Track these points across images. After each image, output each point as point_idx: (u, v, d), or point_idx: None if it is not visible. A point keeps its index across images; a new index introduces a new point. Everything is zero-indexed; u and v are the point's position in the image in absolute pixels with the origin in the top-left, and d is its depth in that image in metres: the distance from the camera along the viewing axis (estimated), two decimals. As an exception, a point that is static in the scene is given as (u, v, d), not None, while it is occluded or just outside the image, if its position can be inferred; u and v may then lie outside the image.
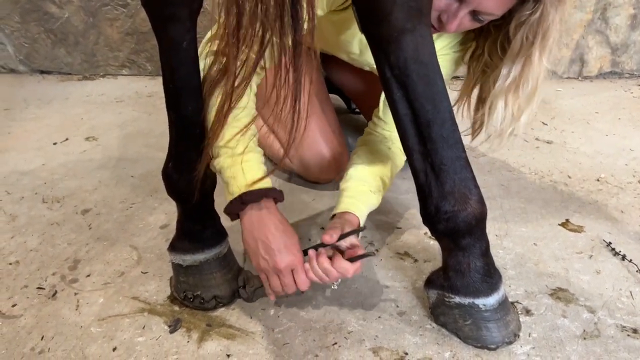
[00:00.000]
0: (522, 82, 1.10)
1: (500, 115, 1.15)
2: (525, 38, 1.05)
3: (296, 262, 0.97)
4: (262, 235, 0.97)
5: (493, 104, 1.15)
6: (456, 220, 0.91)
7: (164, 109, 0.99)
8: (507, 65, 1.11)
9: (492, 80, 1.15)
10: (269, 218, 0.98)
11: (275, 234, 0.97)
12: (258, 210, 0.98)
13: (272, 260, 0.96)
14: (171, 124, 0.99)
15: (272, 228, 0.97)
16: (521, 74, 1.09)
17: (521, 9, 1.03)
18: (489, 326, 0.95)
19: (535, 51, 1.05)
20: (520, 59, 1.08)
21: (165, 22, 0.89)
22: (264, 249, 0.97)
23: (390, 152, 1.26)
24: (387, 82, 0.88)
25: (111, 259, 1.23)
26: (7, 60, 2.82)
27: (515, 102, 1.13)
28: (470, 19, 1.07)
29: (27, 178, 1.64)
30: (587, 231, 1.33)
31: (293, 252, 0.97)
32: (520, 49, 1.07)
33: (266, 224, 0.97)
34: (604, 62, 2.62)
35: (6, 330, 1.01)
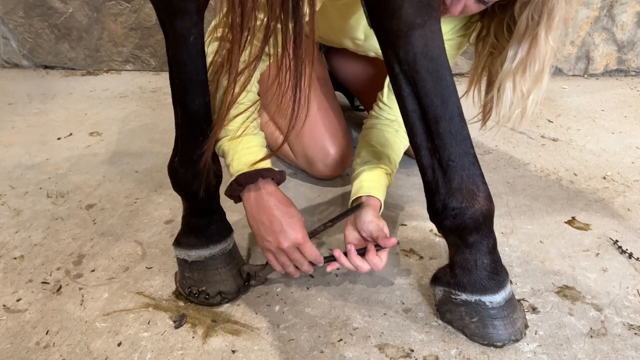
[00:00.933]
0: (529, 63, 1.09)
1: (509, 96, 1.14)
2: (531, 18, 1.04)
3: (299, 239, 0.98)
4: (262, 216, 0.98)
5: (501, 86, 1.14)
6: (463, 217, 0.90)
7: (168, 104, 0.99)
8: (513, 47, 1.10)
9: (500, 63, 1.15)
10: (268, 199, 0.99)
11: (275, 214, 0.98)
12: (256, 192, 0.99)
13: (275, 240, 0.98)
14: (177, 118, 0.98)
15: (272, 208, 0.98)
16: (528, 54, 1.08)
17: None
18: (495, 324, 0.94)
19: (541, 31, 1.04)
20: (526, 40, 1.07)
21: (172, 16, 0.88)
22: (265, 230, 0.99)
23: (397, 134, 1.30)
24: (395, 78, 0.88)
25: (116, 254, 1.23)
26: (10, 55, 2.82)
27: (523, 83, 1.12)
28: (474, 2, 1.07)
29: (31, 173, 1.64)
30: (593, 229, 1.32)
31: (295, 229, 0.98)
32: (526, 29, 1.06)
33: (265, 205, 0.98)
34: (610, 59, 2.61)
35: (11, 325, 1.01)
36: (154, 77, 2.67)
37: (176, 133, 1.00)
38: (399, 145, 1.29)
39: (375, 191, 1.16)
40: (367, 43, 1.39)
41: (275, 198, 0.99)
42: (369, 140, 1.30)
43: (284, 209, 0.99)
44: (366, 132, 1.34)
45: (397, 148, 1.29)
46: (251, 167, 0.98)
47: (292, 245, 0.98)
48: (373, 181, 1.18)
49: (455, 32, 1.28)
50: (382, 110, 1.33)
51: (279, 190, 1.02)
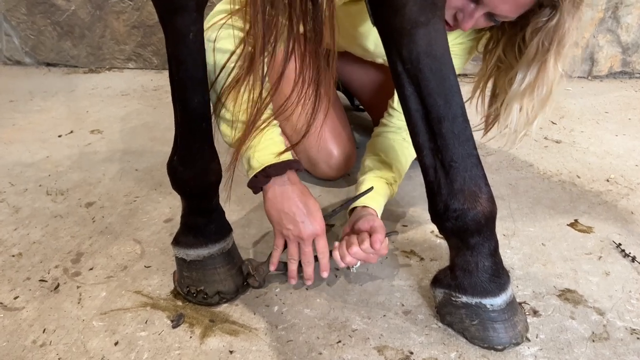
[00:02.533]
0: (537, 87, 1.11)
1: (515, 117, 1.17)
2: (541, 44, 1.06)
3: (319, 231, 1.02)
4: (286, 207, 1.01)
5: (509, 106, 1.17)
6: (465, 218, 0.89)
7: (169, 103, 0.98)
8: (522, 70, 1.12)
9: (507, 80, 1.16)
10: (292, 190, 1.02)
11: (299, 205, 1.01)
12: (281, 184, 1.02)
13: (297, 229, 1.01)
14: (177, 116, 0.97)
15: (296, 200, 1.01)
16: (536, 79, 1.10)
17: (538, 14, 1.04)
18: (496, 327, 0.93)
19: (551, 57, 1.07)
20: (535, 64, 1.09)
21: (172, 14, 0.87)
22: (287, 220, 1.02)
23: (404, 142, 1.29)
24: (398, 77, 0.87)
25: (114, 253, 1.22)
26: (13, 52, 2.81)
27: (530, 106, 1.14)
28: (485, 19, 1.08)
29: (31, 170, 1.63)
30: (596, 232, 1.31)
31: (316, 221, 1.02)
32: (535, 54, 1.08)
33: (290, 197, 1.01)
34: (615, 61, 2.59)
35: (8, 323, 1.01)
36: (155, 76, 2.66)
37: (176, 131, 0.99)
38: (404, 154, 1.28)
39: (371, 201, 1.16)
40: (377, 50, 1.39)
41: (299, 189, 1.03)
42: (374, 148, 1.31)
43: (306, 200, 1.02)
44: (373, 140, 1.34)
45: (403, 156, 1.28)
46: (277, 159, 1.01)
47: (310, 236, 1.02)
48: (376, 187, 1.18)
49: (467, 36, 1.28)
50: (392, 117, 1.33)
51: (302, 184, 1.05)
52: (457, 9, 1.08)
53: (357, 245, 1.03)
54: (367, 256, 1.04)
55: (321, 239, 1.04)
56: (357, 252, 1.03)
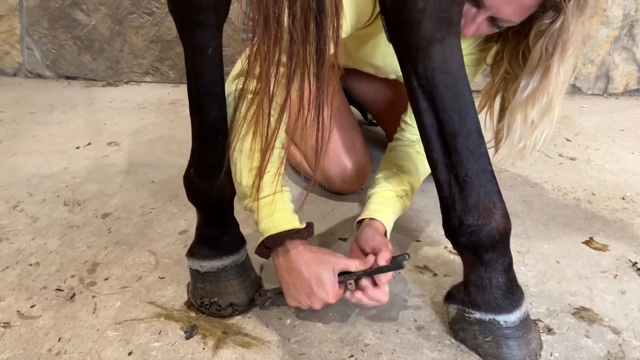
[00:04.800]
0: (539, 95, 1.08)
1: (520, 127, 1.13)
2: (545, 49, 1.03)
3: (331, 299, 0.96)
4: (293, 279, 0.97)
5: (513, 115, 1.13)
6: (479, 234, 0.89)
7: (186, 116, 1.00)
8: (526, 77, 1.09)
9: (512, 91, 1.14)
10: (297, 259, 0.96)
11: (304, 276, 0.95)
12: (284, 254, 0.98)
13: (305, 302, 0.97)
14: (194, 129, 0.99)
15: (302, 271, 0.95)
16: (539, 86, 1.08)
17: (541, 17, 1.02)
18: (509, 344, 0.93)
19: (554, 63, 1.04)
20: (538, 71, 1.07)
21: (192, 29, 0.89)
22: (296, 292, 0.97)
23: (418, 155, 1.26)
24: (413, 93, 0.88)
25: (129, 263, 1.24)
26: (34, 65, 2.87)
27: (533, 115, 1.11)
28: (488, 25, 1.06)
29: (49, 181, 1.66)
30: (611, 250, 1.30)
31: (325, 291, 0.95)
32: (539, 59, 1.06)
33: (294, 267, 0.96)
34: (630, 79, 2.58)
35: (24, 331, 1.02)
36: (172, 89, 2.70)
37: (192, 144, 1.01)
38: (417, 167, 1.25)
39: (380, 214, 1.12)
40: (387, 68, 1.38)
41: (304, 259, 0.96)
42: (388, 161, 1.29)
43: (313, 268, 0.95)
44: (387, 155, 1.32)
45: (416, 170, 1.25)
46: (277, 229, 0.96)
47: (322, 305, 0.97)
48: (381, 204, 1.15)
49: (475, 47, 1.27)
50: (404, 131, 1.32)
51: (307, 249, 0.98)
52: None
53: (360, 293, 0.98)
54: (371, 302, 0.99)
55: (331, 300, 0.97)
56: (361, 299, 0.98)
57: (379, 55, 1.33)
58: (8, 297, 1.11)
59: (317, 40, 0.75)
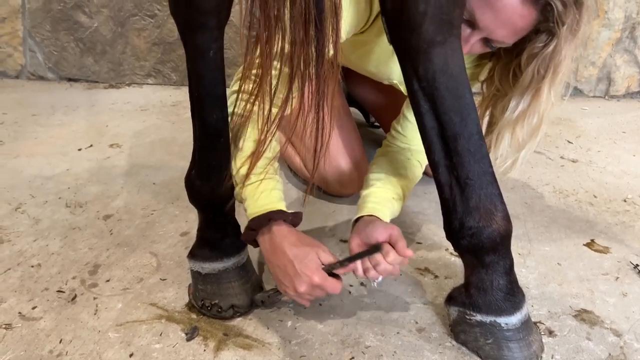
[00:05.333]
0: (529, 115, 1.10)
1: (506, 146, 1.14)
2: (537, 72, 1.04)
3: (315, 281, 0.93)
4: (277, 260, 0.96)
5: (500, 134, 1.14)
6: (480, 236, 0.89)
7: (187, 118, 1.00)
8: (516, 98, 1.10)
9: (501, 109, 1.15)
10: (281, 242, 0.96)
11: (289, 257, 0.95)
12: (269, 235, 0.98)
13: (292, 284, 0.95)
14: (195, 131, 0.99)
15: (285, 252, 0.95)
16: (529, 107, 1.09)
17: (534, 40, 1.03)
18: (510, 346, 0.93)
19: (545, 86, 1.05)
20: (529, 92, 1.08)
21: (194, 31, 0.90)
22: (282, 275, 0.97)
23: (409, 162, 1.25)
24: (414, 95, 0.88)
25: (131, 265, 1.24)
26: (36, 67, 2.88)
27: (520, 135, 1.12)
28: (481, 45, 1.07)
29: (51, 182, 1.66)
30: (613, 252, 1.29)
31: (310, 270, 0.93)
32: (530, 82, 1.07)
33: (278, 249, 0.96)
34: (632, 81, 2.58)
35: (25, 332, 1.02)
36: (174, 92, 2.70)
37: (194, 146, 1.01)
38: (408, 173, 1.23)
39: (379, 213, 1.10)
40: (380, 74, 1.38)
41: (288, 240, 0.96)
42: (379, 166, 1.26)
43: (297, 250, 0.95)
44: (378, 159, 1.30)
45: (406, 176, 1.23)
46: (261, 211, 0.97)
47: (307, 289, 0.94)
48: (378, 204, 1.13)
49: (470, 62, 1.26)
50: (395, 139, 1.30)
51: (293, 232, 0.98)
52: None
53: (383, 262, 0.95)
54: (395, 268, 0.97)
55: (325, 285, 0.94)
56: (385, 268, 0.95)
57: (373, 62, 1.32)
58: (9, 298, 1.12)
59: (317, 40, 0.75)
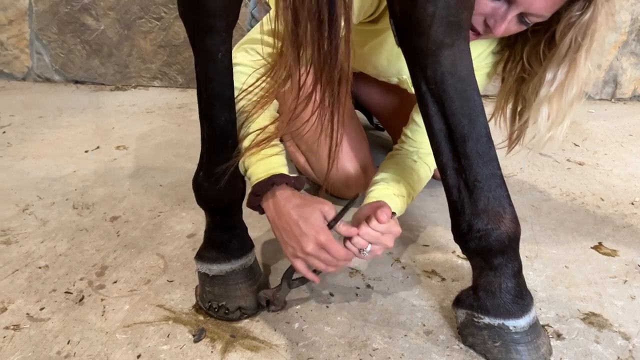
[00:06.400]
0: (567, 87, 1.08)
1: (544, 121, 1.13)
2: (574, 40, 1.03)
3: (321, 240, 0.94)
4: (283, 223, 0.97)
5: (536, 111, 1.13)
6: (489, 239, 0.89)
7: (193, 121, 1.01)
8: (551, 70, 1.09)
9: (532, 88, 1.14)
10: (285, 204, 0.97)
11: (293, 218, 0.95)
12: (273, 199, 0.98)
13: (298, 244, 0.95)
14: (203, 133, 0.99)
15: (290, 213, 0.96)
16: (566, 78, 1.08)
17: (570, 9, 1.02)
18: (519, 349, 0.92)
19: (582, 54, 1.04)
20: (565, 63, 1.06)
21: (202, 33, 0.90)
22: (287, 237, 0.97)
23: (415, 164, 1.27)
24: (422, 97, 0.88)
25: (138, 267, 1.24)
26: (43, 69, 2.90)
27: (559, 107, 1.11)
28: (516, 22, 1.06)
29: (58, 184, 1.67)
30: (621, 255, 1.29)
31: (315, 229, 0.94)
32: (567, 52, 1.05)
33: (283, 211, 0.97)
34: (639, 84, 2.57)
35: (33, 333, 1.02)
36: (180, 94, 2.71)
37: (202, 148, 1.01)
38: (413, 175, 1.24)
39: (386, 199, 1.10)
40: (390, 68, 1.38)
41: (292, 202, 0.97)
42: (384, 168, 1.27)
43: (301, 210, 0.95)
44: (383, 163, 1.32)
45: (411, 175, 1.23)
46: (263, 175, 0.98)
47: (314, 248, 0.94)
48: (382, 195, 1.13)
49: (484, 59, 1.28)
50: (404, 143, 1.32)
51: (296, 194, 0.99)
52: (486, 15, 1.06)
53: (365, 225, 0.97)
54: (378, 236, 0.97)
55: (331, 247, 0.94)
56: (367, 232, 0.96)
57: (385, 53, 1.32)
58: (17, 299, 1.12)
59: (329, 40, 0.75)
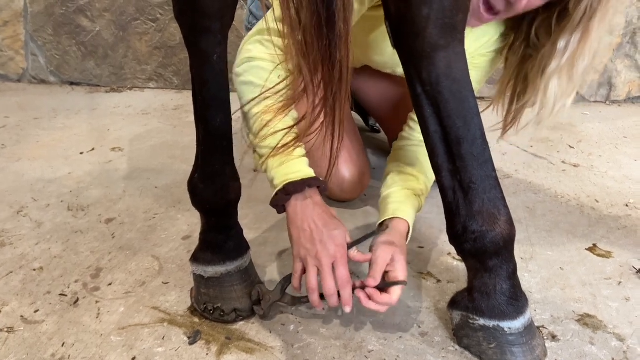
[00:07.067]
0: (579, 56, 1.08)
1: (554, 92, 1.12)
2: (589, 6, 1.02)
3: (338, 255, 0.95)
4: (306, 225, 0.97)
5: (546, 84, 1.12)
6: (484, 240, 0.89)
7: (189, 122, 1.01)
8: (564, 39, 1.08)
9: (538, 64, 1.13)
10: (313, 208, 0.98)
11: (318, 224, 0.96)
12: (302, 201, 0.99)
13: (314, 249, 0.95)
14: (199, 135, 0.99)
15: (316, 218, 0.97)
16: (578, 47, 1.07)
17: None
18: (514, 350, 0.92)
19: (595, 22, 1.03)
20: (579, 31, 1.05)
21: (198, 35, 0.90)
22: (306, 239, 0.97)
23: None
24: (417, 99, 0.88)
25: (133, 269, 1.24)
26: (38, 71, 2.89)
27: (569, 78, 1.10)
28: None
29: (53, 186, 1.66)
30: (615, 257, 1.29)
31: (337, 243, 0.95)
32: (581, 19, 1.04)
33: (310, 214, 0.97)
34: (633, 86, 2.58)
35: (28, 336, 1.02)
36: (176, 95, 2.71)
37: (197, 149, 1.01)
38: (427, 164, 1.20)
39: (401, 213, 1.12)
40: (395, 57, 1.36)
41: (321, 208, 0.99)
42: (397, 161, 1.27)
43: (329, 220, 0.97)
44: (395, 153, 1.31)
45: (429, 169, 1.20)
46: (297, 176, 0.99)
47: (328, 258, 0.95)
48: (399, 202, 1.15)
49: (492, 45, 1.27)
50: (413, 130, 1.30)
51: (324, 202, 1.01)
52: None
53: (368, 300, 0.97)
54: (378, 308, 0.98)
55: (341, 265, 0.95)
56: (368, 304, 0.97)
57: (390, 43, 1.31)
58: (12, 302, 1.12)
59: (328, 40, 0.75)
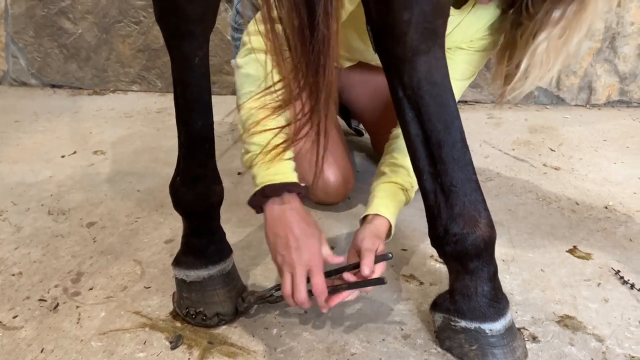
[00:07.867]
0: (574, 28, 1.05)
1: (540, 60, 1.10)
2: None
3: (313, 262, 0.95)
4: (282, 231, 0.96)
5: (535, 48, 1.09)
6: (465, 243, 0.90)
7: (172, 125, 1.00)
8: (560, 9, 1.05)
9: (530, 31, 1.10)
10: (291, 214, 0.97)
11: (294, 230, 0.95)
12: (280, 205, 0.98)
13: (289, 256, 0.95)
14: (180, 138, 0.99)
15: (293, 224, 0.96)
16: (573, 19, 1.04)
17: None
18: (495, 352, 0.93)
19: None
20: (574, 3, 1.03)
21: (179, 38, 0.90)
22: (281, 245, 0.96)
23: None
24: (399, 102, 0.89)
25: (114, 273, 1.22)
26: (19, 73, 2.85)
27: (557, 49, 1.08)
28: None
29: (33, 189, 1.64)
30: (595, 259, 1.31)
31: (311, 251, 0.95)
32: None
33: (286, 220, 0.96)
34: (612, 90, 2.62)
35: (6, 342, 1.00)
36: (159, 98, 2.69)
37: (179, 153, 1.01)
38: None
39: (384, 209, 1.13)
40: None
41: (299, 215, 0.97)
42: (391, 150, 1.27)
43: (305, 227, 0.96)
44: (390, 142, 1.30)
45: None
46: (276, 179, 0.97)
47: (303, 266, 0.94)
48: (384, 198, 1.16)
49: (487, 30, 1.27)
50: None
51: (303, 208, 0.99)
52: None
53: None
54: None
55: (316, 274, 0.95)
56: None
57: None
58: (-10, 307, 1.10)
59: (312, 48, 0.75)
